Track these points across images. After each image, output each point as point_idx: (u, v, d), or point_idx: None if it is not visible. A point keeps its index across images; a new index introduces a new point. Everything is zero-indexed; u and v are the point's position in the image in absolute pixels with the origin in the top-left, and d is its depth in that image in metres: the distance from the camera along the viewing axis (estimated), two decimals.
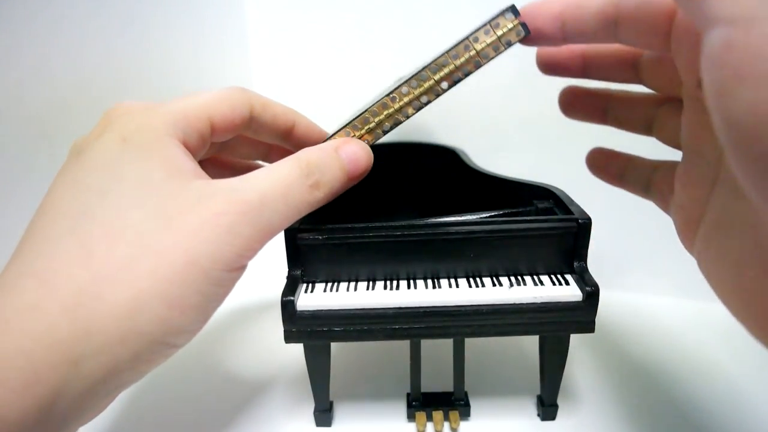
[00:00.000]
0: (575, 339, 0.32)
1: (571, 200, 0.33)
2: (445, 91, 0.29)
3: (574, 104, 0.32)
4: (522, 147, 0.50)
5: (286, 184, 0.26)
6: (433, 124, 0.52)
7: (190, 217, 0.24)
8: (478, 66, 0.28)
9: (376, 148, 0.49)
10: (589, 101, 0.32)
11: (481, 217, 0.32)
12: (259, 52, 0.56)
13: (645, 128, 0.30)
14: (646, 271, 0.51)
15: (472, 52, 0.28)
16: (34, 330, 0.21)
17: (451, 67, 0.28)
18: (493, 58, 0.28)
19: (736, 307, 0.21)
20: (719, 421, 0.34)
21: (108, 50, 0.42)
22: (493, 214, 0.33)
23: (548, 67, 0.30)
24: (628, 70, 0.28)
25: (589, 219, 0.30)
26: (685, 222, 0.25)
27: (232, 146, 0.34)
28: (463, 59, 0.28)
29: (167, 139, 0.25)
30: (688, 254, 0.50)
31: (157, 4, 0.46)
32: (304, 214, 0.27)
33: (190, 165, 0.26)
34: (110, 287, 0.22)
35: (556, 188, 0.35)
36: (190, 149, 0.27)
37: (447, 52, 0.28)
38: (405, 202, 0.47)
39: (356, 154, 0.29)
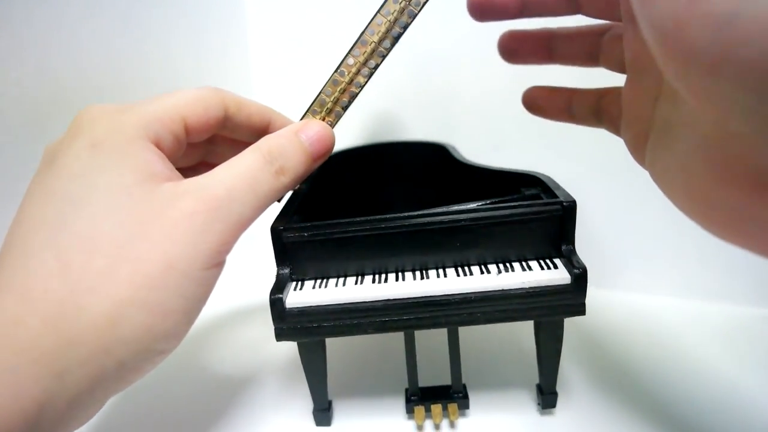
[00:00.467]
0: (575, 339, 0.31)
1: (557, 185, 0.33)
2: (389, 50, 0.29)
3: (517, 48, 0.32)
4: (523, 146, 0.50)
5: (251, 175, 0.26)
6: (430, 123, 0.52)
7: (162, 221, 0.24)
8: (412, 16, 0.28)
9: (365, 150, 0.50)
10: (532, 42, 0.32)
11: (467, 207, 0.32)
12: (258, 52, 0.57)
13: (592, 59, 0.30)
14: (646, 271, 0.50)
15: (402, 3, 0.28)
16: (17, 345, 0.21)
17: (387, 24, 0.28)
18: (425, 3, 0.28)
19: (688, 207, 0.22)
20: (719, 420, 0.33)
21: (107, 50, 0.42)
22: (480, 204, 0.33)
23: (482, 11, 0.30)
24: (566, 1, 0.29)
25: (574, 201, 0.30)
26: (634, 138, 0.26)
27: (220, 151, 0.34)
28: (395, 13, 0.28)
29: (138, 142, 0.25)
30: (688, 254, 0.50)
31: (157, 5, 0.46)
32: (273, 201, 0.27)
33: (160, 167, 0.26)
34: (90, 298, 0.22)
35: (543, 175, 0.35)
36: (165, 151, 0.27)
37: (379, 10, 0.28)
38: (398, 200, 0.47)
39: (318, 134, 0.29)
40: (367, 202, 0.46)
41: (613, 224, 0.49)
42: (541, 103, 0.34)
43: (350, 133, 0.53)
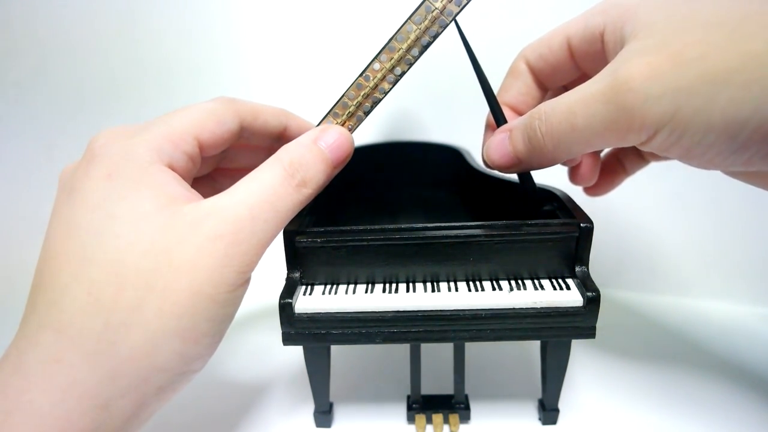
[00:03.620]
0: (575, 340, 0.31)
1: (575, 204, 0.32)
2: (416, 58, 0.29)
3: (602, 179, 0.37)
4: None
5: (272, 191, 0.26)
6: (438, 125, 0.51)
7: (185, 248, 0.24)
8: (443, 26, 0.28)
9: (379, 148, 0.49)
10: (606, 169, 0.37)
11: (483, 223, 0.31)
12: (255, 52, 0.55)
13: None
14: (646, 270, 0.50)
15: (435, 12, 0.27)
16: (62, 382, 0.22)
17: (417, 32, 0.28)
18: (457, 14, 0.27)
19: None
20: (720, 421, 0.34)
21: (106, 49, 0.42)
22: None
23: None
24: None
25: (591, 223, 0.30)
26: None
27: (233, 156, 0.34)
28: (427, 21, 0.28)
29: (153, 168, 0.25)
30: (688, 253, 0.51)
31: (154, 4, 0.46)
32: (296, 213, 0.27)
33: (179, 190, 0.25)
34: (124, 332, 0.23)
35: (560, 191, 0.34)
36: (179, 171, 0.26)
37: (410, 18, 0.28)
38: (410, 202, 0.47)
39: (337, 140, 0.29)
40: (379, 202, 0.45)
41: (614, 223, 0.49)
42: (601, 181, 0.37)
43: (365, 129, 0.53)
